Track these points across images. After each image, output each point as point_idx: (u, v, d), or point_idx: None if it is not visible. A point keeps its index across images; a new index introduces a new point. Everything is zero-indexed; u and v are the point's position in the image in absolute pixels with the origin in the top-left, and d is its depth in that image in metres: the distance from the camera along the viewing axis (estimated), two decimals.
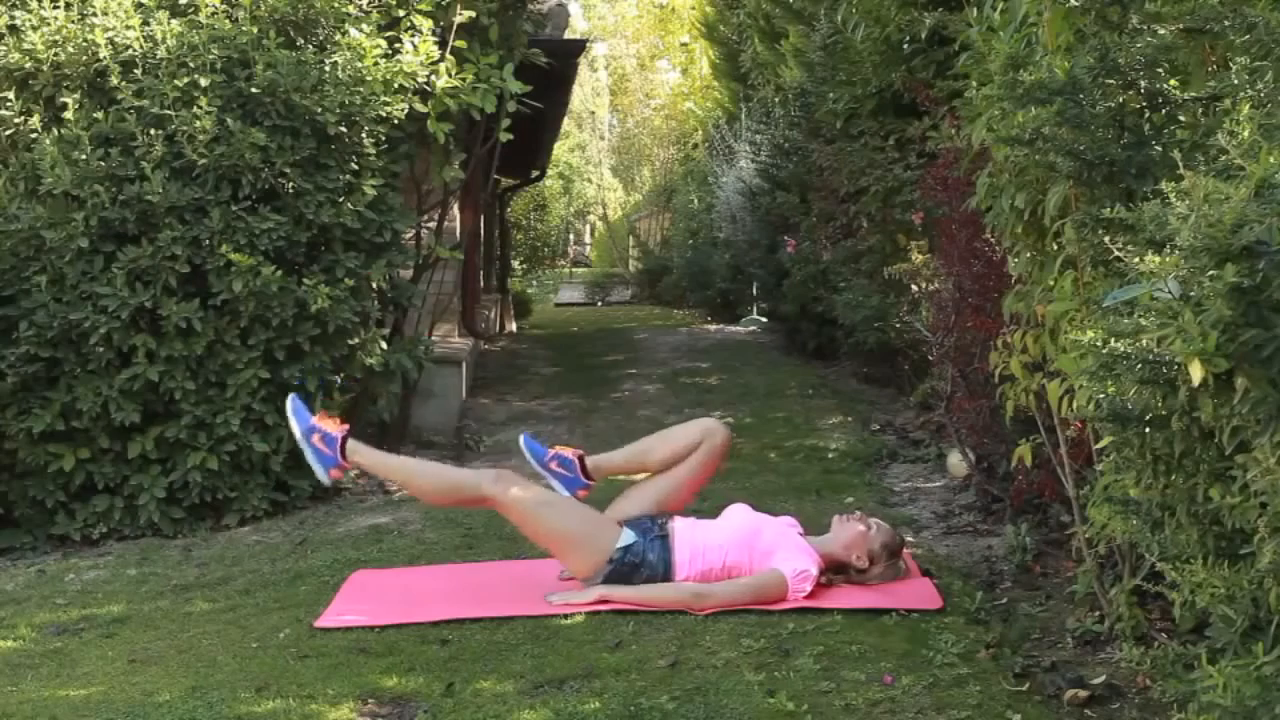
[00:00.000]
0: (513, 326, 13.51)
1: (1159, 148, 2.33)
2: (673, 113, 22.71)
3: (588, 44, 13.12)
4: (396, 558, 3.98)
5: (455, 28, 5.44)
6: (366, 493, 5.13)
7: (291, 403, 3.54)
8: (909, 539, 3.80)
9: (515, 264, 17.01)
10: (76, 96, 4.59)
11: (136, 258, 4.48)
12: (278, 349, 4.68)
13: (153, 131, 4.51)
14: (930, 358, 4.67)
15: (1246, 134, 1.69)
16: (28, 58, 4.64)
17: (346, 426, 3.51)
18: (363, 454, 3.49)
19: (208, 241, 4.53)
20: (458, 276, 7.74)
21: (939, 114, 5.18)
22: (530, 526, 3.35)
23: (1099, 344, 1.78)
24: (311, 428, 3.46)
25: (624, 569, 3.25)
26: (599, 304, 18.66)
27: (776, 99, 9.91)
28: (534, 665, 2.81)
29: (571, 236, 26.95)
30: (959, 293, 4.02)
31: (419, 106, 5.28)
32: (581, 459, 3.52)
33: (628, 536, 3.28)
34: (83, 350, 4.49)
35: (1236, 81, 2.03)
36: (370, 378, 5.18)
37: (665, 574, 3.26)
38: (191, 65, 4.59)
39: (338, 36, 4.95)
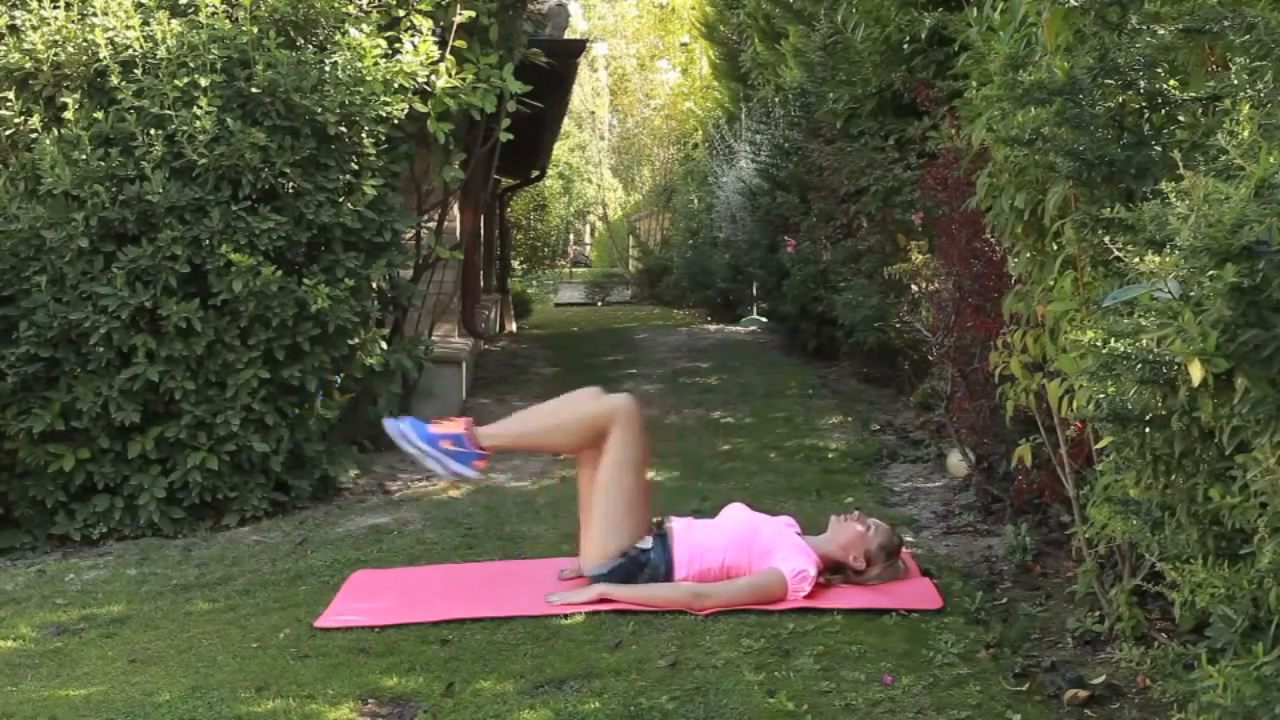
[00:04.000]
0: (513, 326, 13.51)
1: (1159, 148, 2.33)
2: (673, 113, 22.73)
3: (588, 44, 13.12)
4: (396, 558, 3.98)
5: (455, 28, 5.45)
6: (366, 493, 5.14)
7: (411, 426, 3.38)
8: (909, 539, 3.80)
9: (515, 264, 17.02)
10: (76, 96, 4.59)
11: (136, 258, 4.48)
12: (278, 349, 4.68)
13: (153, 131, 4.51)
14: (930, 358, 4.67)
15: (1246, 134, 1.69)
16: (28, 58, 4.64)
17: (468, 419, 3.41)
18: (497, 435, 3.39)
19: (208, 241, 4.53)
20: (458, 276, 7.74)
21: (939, 114, 5.19)
22: (607, 473, 3.29)
23: (1099, 344, 1.78)
24: (434, 437, 3.36)
25: (630, 567, 3.26)
26: (599, 304, 18.67)
27: (776, 99, 9.92)
28: (534, 665, 2.81)
29: (571, 236, 26.95)
30: (959, 293, 4.02)
31: (419, 106, 5.28)
32: (470, 430, 3.40)
33: (649, 542, 3.30)
34: (83, 350, 4.49)
35: (1236, 81, 2.03)
36: (370, 378, 5.18)
37: (666, 574, 3.27)
38: (191, 65, 4.59)
39: (338, 36, 4.95)
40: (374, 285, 5.17)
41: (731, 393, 7.33)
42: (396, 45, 5.13)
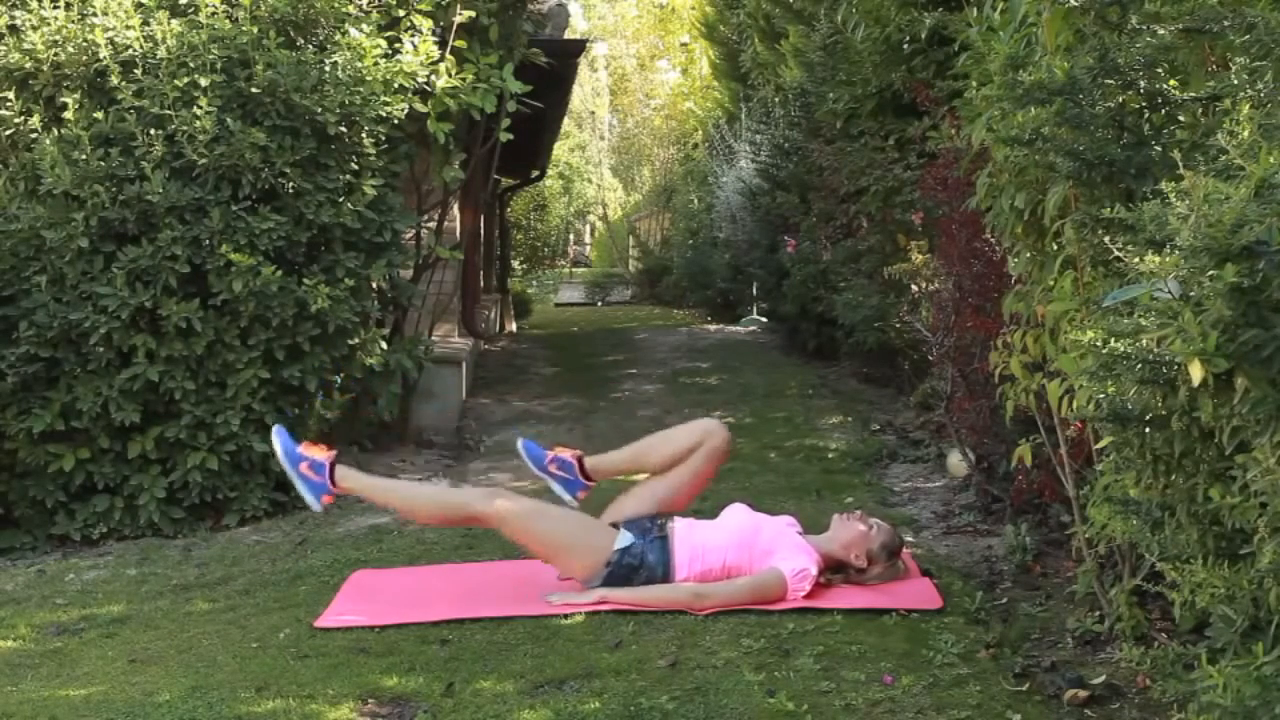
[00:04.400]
0: (513, 326, 13.51)
1: (1159, 148, 2.33)
2: (673, 113, 22.72)
3: (588, 44, 13.12)
4: (396, 558, 3.98)
5: (455, 28, 5.45)
6: None
7: (278, 434, 3.47)
8: (909, 539, 3.80)
9: (515, 264, 17.01)
10: (76, 96, 4.59)
11: (136, 258, 4.48)
12: (278, 349, 4.68)
13: (153, 131, 4.51)
14: (930, 358, 4.67)
15: (1246, 134, 1.69)
16: (28, 58, 4.64)
17: (334, 453, 3.47)
18: (352, 479, 3.45)
19: (208, 241, 4.53)
20: (458, 276, 7.74)
21: (939, 114, 5.18)
22: (525, 538, 3.33)
23: (1099, 344, 1.78)
24: (299, 456, 3.41)
25: (623, 570, 3.25)
26: (599, 304, 18.67)
27: (776, 99, 9.92)
28: (534, 665, 2.81)
29: (571, 236, 26.94)
30: (959, 293, 4.02)
31: (419, 106, 5.28)
32: (580, 460, 3.52)
33: (625, 538, 3.28)
34: (83, 350, 4.49)
35: (1236, 81, 2.03)
36: (370, 378, 5.18)
37: (665, 574, 3.26)
38: (191, 65, 4.59)
39: (338, 36, 4.95)
40: (374, 285, 5.17)
41: (731, 393, 7.33)
42: (396, 45, 5.13)
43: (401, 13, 5.29)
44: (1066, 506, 3.25)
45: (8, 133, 4.66)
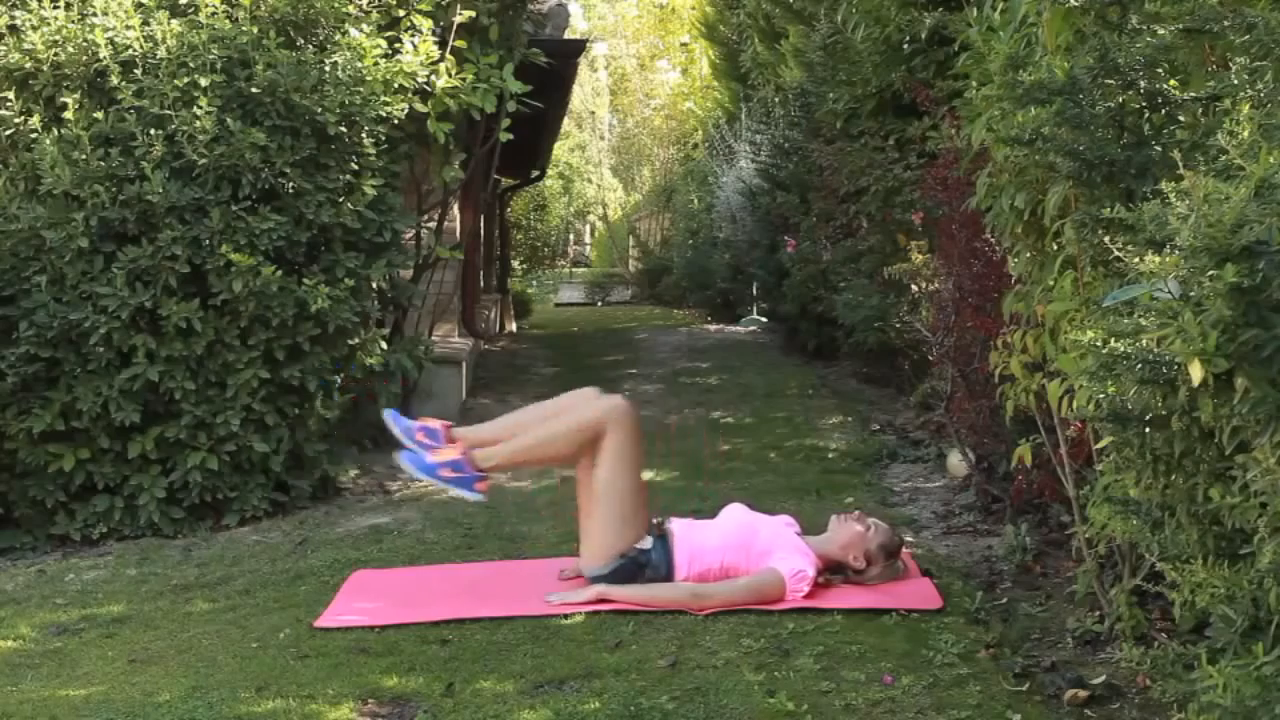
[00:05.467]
0: (513, 326, 13.51)
1: (1159, 148, 2.33)
2: (673, 113, 22.72)
3: (588, 44, 13.12)
4: (396, 558, 3.98)
5: (455, 28, 5.45)
6: (366, 493, 5.14)
7: (406, 459, 3.38)
8: (909, 539, 3.80)
9: (515, 264, 17.01)
10: (76, 96, 4.58)
11: (136, 258, 4.48)
12: (278, 349, 4.68)
13: (153, 131, 4.51)
14: (930, 358, 4.67)
15: (1246, 134, 1.69)
16: (28, 58, 4.64)
17: (458, 443, 3.39)
18: (493, 457, 3.37)
19: (208, 241, 4.53)
20: (458, 276, 7.74)
21: (939, 114, 5.18)
22: (603, 476, 3.28)
23: (1099, 344, 1.78)
24: (433, 466, 3.35)
25: (631, 568, 3.26)
26: (599, 304, 18.67)
27: (776, 99, 9.92)
28: (534, 665, 2.81)
29: (571, 236, 26.93)
30: (959, 293, 4.02)
31: (419, 106, 5.28)
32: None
33: (648, 542, 3.29)
34: (83, 350, 4.49)
35: (1236, 81, 2.03)
36: (370, 378, 5.18)
37: (667, 574, 3.27)
38: (191, 65, 4.59)
39: (338, 36, 4.95)
40: (374, 285, 5.17)
41: (731, 393, 7.33)
42: (396, 45, 5.12)
43: (401, 13, 5.29)
44: (1066, 506, 3.25)
45: (8, 133, 4.66)
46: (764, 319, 11.07)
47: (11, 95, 4.66)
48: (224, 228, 4.53)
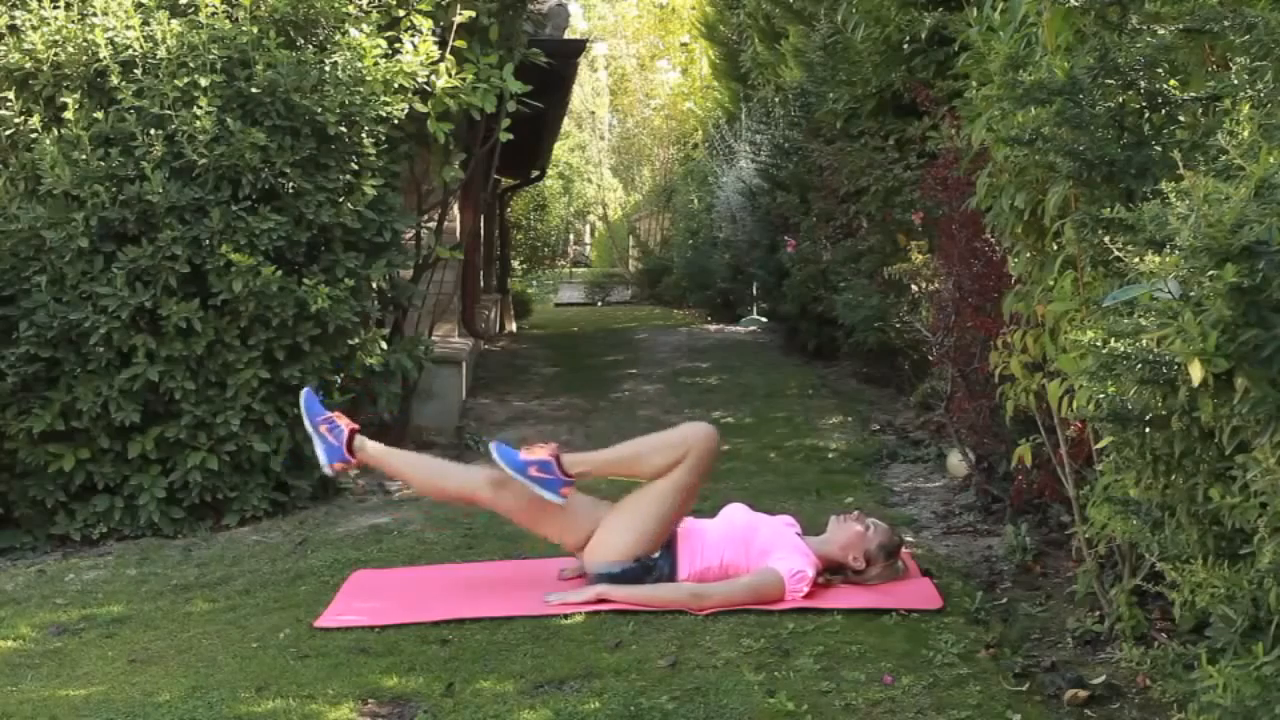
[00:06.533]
0: (513, 326, 13.51)
1: (1159, 148, 2.33)
2: (673, 113, 22.72)
3: (588, 44, 13.12)
4: (396, 558, 3.98)
5: (455, 28, 5.45)
6: (367, 493, 5.14)
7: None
8: (909, 539, 3.80)
9: (515, 264, 17.01)
10: (76, 96, 4.58)
11: (136, 258, 4.48)
12: (278, 349, 4.68)
13: (153, 131, 4.51)
14: (930, 358, 4.67)
15: (1246, 134, 1.69)
16: (28, 58, 4.64)
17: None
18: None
19: (208, 241, 4.53)
20: (458, 276, 7.73)
21: (939, 114, 5.18)
22: (663, 486, 3.30)
23: (1099, 344, 1.78)
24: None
25: (639, 572, 3.26)
26: (599, 304, 18.67)
27: (776, 99, 9.92)
28: (534, 665, 2.81)
29: (571, 236, 26.93)
30: (959, 293, 4.02)
31: (419, 106, 5.28)
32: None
33: (659, 551, 3.30)
34: (83, 350, 4.49)
35: (1236, 81, 2.03)
36: (370, 378, 5.18)
37: (670, 575, 3.27)
38: (191, 65, 4.59)
39: (338, 36, 4.95)
40: (374, 285, 5.17)
41: (731, 393, 7.33)
42: (396, 45, 5.13)
43: (401, 13, 5.29)
44: (1066, 506, 3.25)
45: (8, 133, 4.66)
46: (764, 319, 11.07)
47: (11, 95, 4.66)
48: (224, 228, 4.53)
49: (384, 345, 5.26)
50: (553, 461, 3.36)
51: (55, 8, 4.68)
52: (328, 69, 4.77)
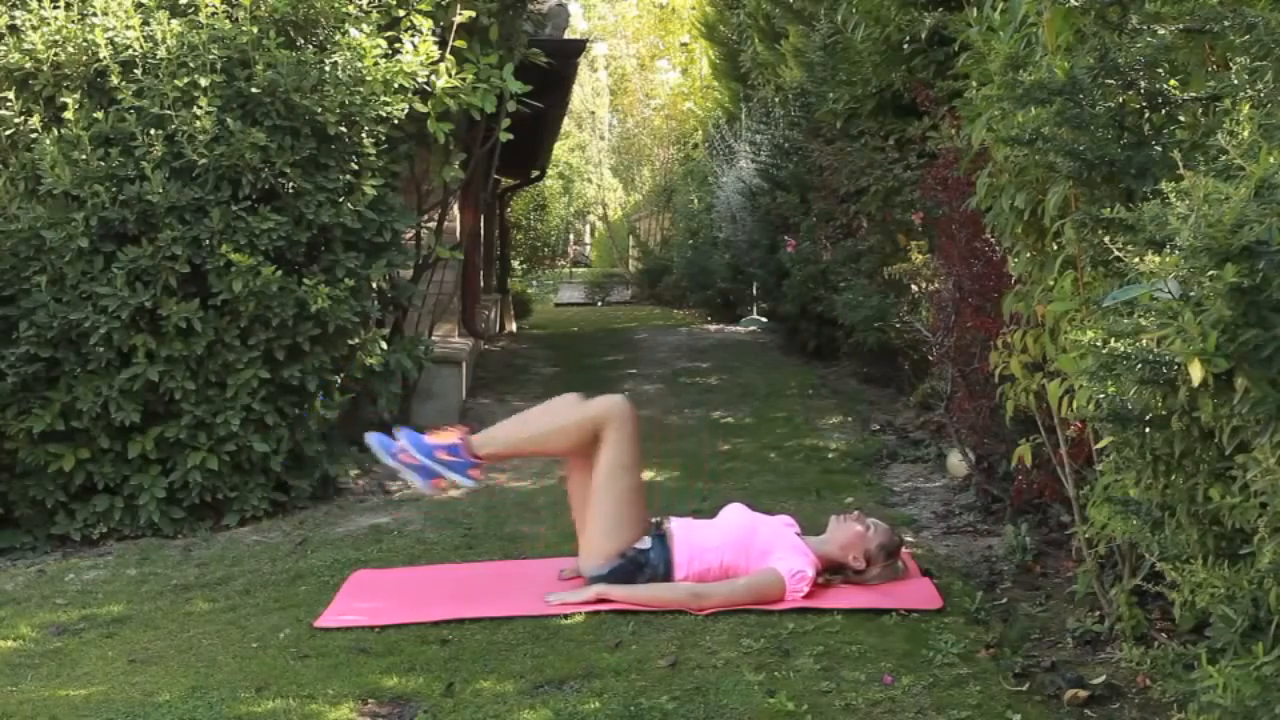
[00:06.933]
0: (513, 326, 13.51)
1: (1159, 148, 2.33)
2: (673, 113, 22.72)
3: (588, 44, 13.12)
4: (396, 558, 3.98)
5: (455, 28, 5.45)
6: (366, 493, 5.13)
7: (377, 440, 3.41)
8: (909, 539, 3.80)
9: (515, 264, 17.01)
10: (76, 96, 4.58)
11: (136, 258, 4.48)
12: (278, 349, 4.68)
13: (153, 131, 4.51)
14: (930, 358, 4.67)
15: (1246, 134, 1.69)
16: (28, 58, 4.64)
17: (464, 428, 3.44)
18: (491, 443, 3.40)
19: (208, 241, 4.53)
20: (458, 276, 7.74)
21: (939, 114, 5.18)
22: (603, 475, 3.30)
23: (1099, 344, 1.78)
24: (431, 447, 3.37)
25: (629, 568, 3.26)
26: (599, 304, 18.67)
27: (776, 99, 9.92)
28: (534, 665, 2.81)
29: (571, 236, 26.93)
30: (959, 293, 4.02)
31: (419, 106, 5.28)
32: (465, 440, 3.42)
33: (647, 542, 3.29)
34: (83, 350, 4.49)
35: (1236, 81, 2.03)
36: (370, 378, 5.18)
37: (666, 574, 3.27)
38: (191, 65, 4.59)
39: (338, 36, 4.95)
40: (374, 285, 5.17)
41: (731, 393, 7.33)
42: (396, 45, 5.12)
43: (401, 13, 5.28)
44: (1066, 506, 3.25)
45: (8, 133, 4.66)
46: (764, 319, 11.07)
47: (11, 95, 4.66)
48: (224, 228, 4.53)
49: (384, 345, 5.26)
50: (460, 444, 3.37)
51: (55, 8, 4.68)
52: (328, 69, 4.77)
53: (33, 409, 4.45)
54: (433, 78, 5.26)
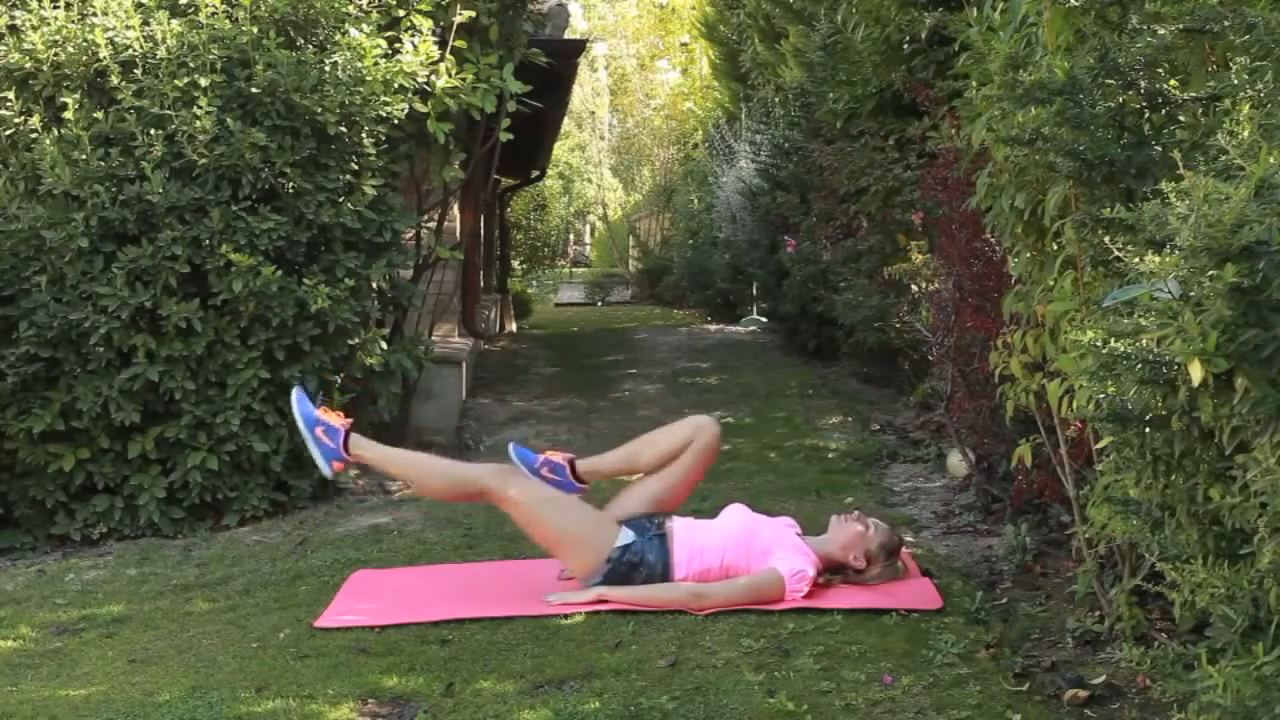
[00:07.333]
0: (513, 326, 13.51)
1: (1159, 148, 2.33)
2: (673, 113, 22.71)
3: (588, 44, 13.12)
4: (396, 558, 3.98)
5: (455, 28, 5.45)
6: (366, 493, 5.13)
7: (296, 394, 3.51)
8: (909, 539, 3.80)
9: (515, 264, 17.00)
10: (76, 96, 4.58)
11: (136, 258, 4.48)
12: (278, 349, 4.68)
13: (153, 131, 4.51)
14: (930, 358, 4.67)
15: (1246, 134, 1.69)
16: (28, 58, 4.64)
17: (350, 421, 3.50)
18: (366, 448, 3.48)
19: (208, 241, 4.53)
20: (458, 276, 7.73)
21: (939, 114, 5.18)
22: (532, 525, 3.35)
23: (1099, 344, 1.78)
24: (315, 419, 3.44)
25: (623, 568, 3.25)
26: (599, 304, 18.67)
27: (776, 99, 9.92)
28: (534, 665, 2.81)
29: (571, 236, 26.93)
30: (959, 293, 4.02)
31: (419, 106, 5.28)
32: (572, 463, 3.52)
33: (626, 535, 3.28)
34: (83, 350, 4.49)
35: (1236, 81, 2.03)
36: (370, 378, 5.18)
37: (664, 574, 3.26)
38: (191, 65, 4.59)
39: (338, 36, 4.95)
40: (374, 285, 5.17)
41: (731, 393, 7.32)
42: (396, 45, 5.12)
43: (401, 13, 5.28)
44: (1066, 506, 3.25)
45: (8, 133, 4.66)
46: (764, 319, 11.07)
47: (11, 95, 4.66)
48: (224, 228, 4.53)
49: (384, 345, 5.26)
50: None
51: (55, 8, 4.68)
52: (328, 69, 4.77)
53: (33, 409, 4.45)
54: (433, 78, 5.26)
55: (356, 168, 4.92)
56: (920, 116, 5.85)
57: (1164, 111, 2.43)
